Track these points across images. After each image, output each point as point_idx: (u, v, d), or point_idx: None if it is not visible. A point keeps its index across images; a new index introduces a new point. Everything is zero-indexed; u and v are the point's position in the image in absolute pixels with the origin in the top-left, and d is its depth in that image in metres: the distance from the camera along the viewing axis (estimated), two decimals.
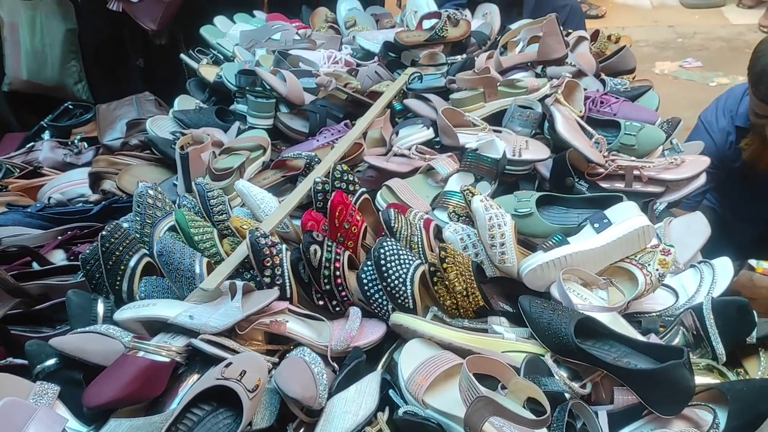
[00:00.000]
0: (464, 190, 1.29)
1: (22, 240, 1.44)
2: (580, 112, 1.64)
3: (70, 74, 2.74)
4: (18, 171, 1.91)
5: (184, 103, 2.00)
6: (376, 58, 2.08)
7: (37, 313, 1.24)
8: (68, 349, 1.04)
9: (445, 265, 1.12)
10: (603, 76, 1.94)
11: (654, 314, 1.18)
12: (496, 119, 1.68)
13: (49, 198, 1.72)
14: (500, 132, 1.61)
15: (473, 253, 1.22)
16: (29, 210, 1.62)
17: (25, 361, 1.07)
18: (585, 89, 1.73)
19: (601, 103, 1.68)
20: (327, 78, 1.82)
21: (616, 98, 1.70)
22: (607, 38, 2.14)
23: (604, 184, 1.45)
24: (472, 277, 1.12)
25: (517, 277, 1.18)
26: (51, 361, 1.05)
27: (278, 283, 1.16)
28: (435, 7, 2.34)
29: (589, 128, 1.55)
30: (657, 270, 1.15)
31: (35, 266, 1.39)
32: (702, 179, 1.47)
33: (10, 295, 1.23)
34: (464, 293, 1.12)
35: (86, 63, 2.78)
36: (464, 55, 2.04)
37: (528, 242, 1.29)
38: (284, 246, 1.19)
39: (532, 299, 1.11)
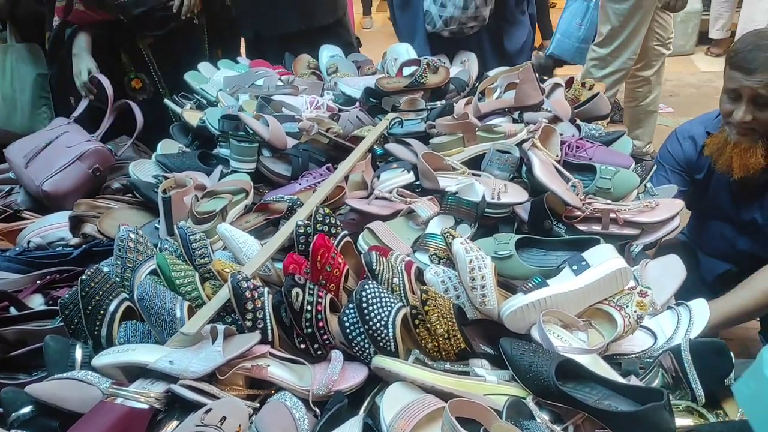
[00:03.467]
0: (445, 233, 1.31)
1: (0, 284, 1.43)
2: (557, 156, 1.68)
3: (40, 120, 2.70)
4: None
5: (167, 147, 2.01)
6: (357, 103, 2.12)
7: (14, 359, 1.22)
8: (44, 396, 1.03)
9: (426, 308, 1.13)
10: (578, 121, 1.99)
11: (633, 356, 1.19)
12: (475, 163, 1.71)
13: (29, 242, 1.70)
14: (479, 176, 1.64)
15: (454, 296, 1.23)
16: (8, 254, 1.61)
17: (0, 409, 1.05)
18: (561, 134, 1.77)
19: (577, 147, 1.72)
20: (309, 123, 1.85)
21: (591, 143, 1.74)
22: (581, 85, 2.21)
23: (581, 227, 1.48)
24: (454, 320, 1.13)
25: (498, 319, 1.19)
26: (26, 409, 1.03)
27: (260, 326, 1.16)
28: (414, 54, 2.40)
29: (565, 172, 1.58)
30: (635, 311, 1.16)
31: (13, 311, 1.37)
32: (676, 222, 1.50)
33: None
34: (446, 336, 1.12)
35: (58, 109, 2.73)
36: (443, 101, 2.08)
37: (508, 284, 1.30)
38: (266, 289, 1.20)
39: (513, 341, 1.12)
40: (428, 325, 1.13)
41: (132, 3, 2.40)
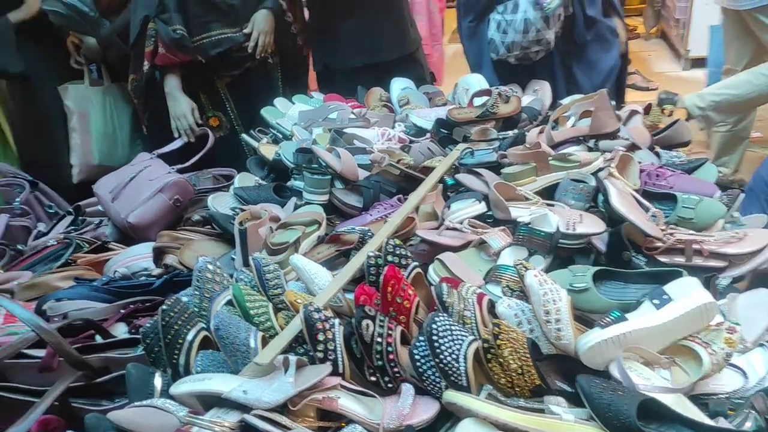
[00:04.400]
0: (518, 265, 1.28)
1: (87, 313, 1.49)
2: (636, 185, 1.63)
3: (136, 153, 2.86)
4: (87, 246, 2.00)
5: (244, 180, 2.08)
6: (428, 134, 2.13)
7: (98, 385, 1.27)
8: (125, 423, 1.06)
9: (499, 342, 1.11)
10: (657, 148, 1.92)
11: (722, 396, 1.12)
12: (548, 193, 1.68)
13: (115, 272, 1.78)
14: (553, 206, 1.60)
15: (528, 330, 1.20)
16: (95, 284, 1.69)
17: None
18: (639, 162, 1.71)
19: (657, 176, 1.66)
20: (381, 154, 1.87)
21: (672, 171, 1.68)
22: (660, 111, 2.14)
23: (663, 259, 1.42)
24: (528, 355, 1.10)
25: (574, 355, 1.15)
26: None
27: (331, 358, 1.16)
28: (486, 84, 2.40)
29: (645, 202, 1.53)
30: (723, 349, 1.10)
31: (98, 339, 1.43)
32: (767, 254, 1.42)
33: (73, 367, 1.27)
34: (519, 371, 1.09)
35: (151, 143, 2.88)
36: (515, 131, 2.06)
37: (585, 318, 1.26)
38: (337, 320, 1.20)
39: (591, 378, 1.07)
40: (501, 359, 1.10)
41: (210, 45, 2.52)
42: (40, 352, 1.33)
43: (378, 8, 2.71)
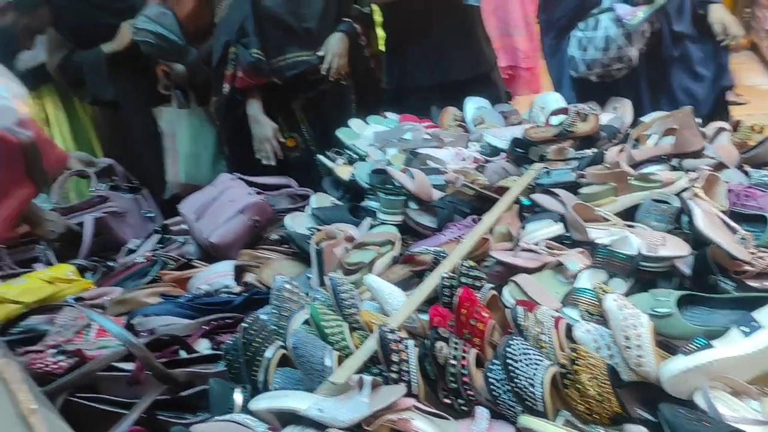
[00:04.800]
0: (597, 288, 1.25)
1: (172, 329, 1.56)
2: (723, 206, 1.56)
3: (219, 172, 2.98)
4: (173, 263, 2.09)
5: (320, 200, 2.13)
6: (503, 154, 2.11)
7: (182, 399, 1.32)
8: None
9: (576, 367, 1.08)
10: (746, 167, 1.84)
11: None
12: (628, 214, 1.64)
13: (198, 288, 1.86)
14: (634, 227, 1.56)
15: (607, 355, 1.16)
16: (180, 300, 1.76)
17: None
18: (727, 182, 1.64)
19: (746, 196, 1.58)
20: (455, 175, 1.88)
21: (763, 191, 1.60)
22: (750, 128, 2.04)
23: (752, 283, 1.34)
24: (607, 381, 1.07)
25: (656, 383, 1.10)
26: None
27: (405, 379, 1.16)
28: (564, 103, 2.36)
29: (732, 223, 1.46)
30: None
31: (183, 354, 1.49)
32: None
33: (159, 381, 1.33)
34: (598, 398, 1.06)
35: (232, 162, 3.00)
36: (594, 150, 2.02)
37: (667, 344, 1.21)
38: (411, 341, 1.21)
39: (675, 408, 1.03)
40: (579, 385, 1.07)
41: (286, 67, 2.60)
42: (129, 365, 1.40)
43: (450, 28, 2.72)
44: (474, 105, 2.56)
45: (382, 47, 2.93)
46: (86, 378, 1.33)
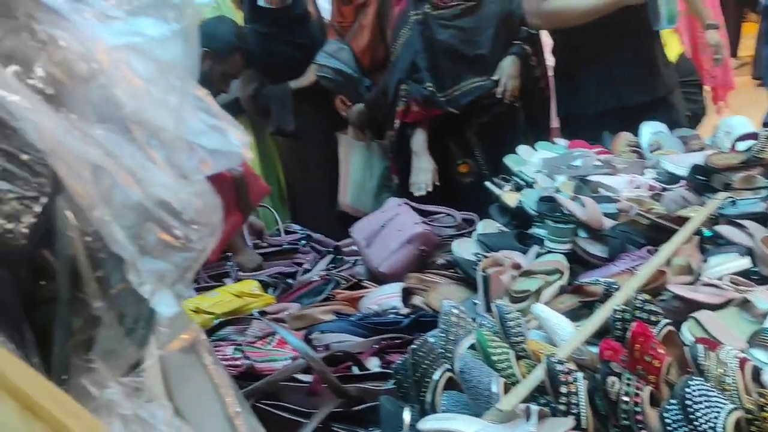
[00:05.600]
0: None
1: (346, 346, 1.66)
2: None
3: (382, 203, 3.10)
4: (345, 282, 2.21)
5: (486, 226, 2.14)
6: (682, 182, 2.00)
7: (355, 413, 1.40)
8: None
9: (765, 414, 1.00)
10: None
11: None
12: None
13: (368, 308, 1.95)
14: None
15: None
16: (352, 318, 1.86)
17: None
18: None
19: None
20: (628, 203, 1.81)
21: None
22: None
23: None
24: None
25: None
26: None
27: (573, 411, 1.15)
28: (751, 128, 2.19)
29: None
30: None
31: (355, 370, 1.58)
32: None
33: (334, 394, 1.42)
34: None
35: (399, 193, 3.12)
36: None
37: None
38: (581, 374, 1.19)
39: None
40: None
41: (461, 95, 2.67)
42: (307, 377, 1.51)
43: (627, 50, 2.63)
44: (650, 130, 2.44)
45: None
46: (272, 386, 1.46)
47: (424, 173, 2.75)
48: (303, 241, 2.72)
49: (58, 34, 0.56)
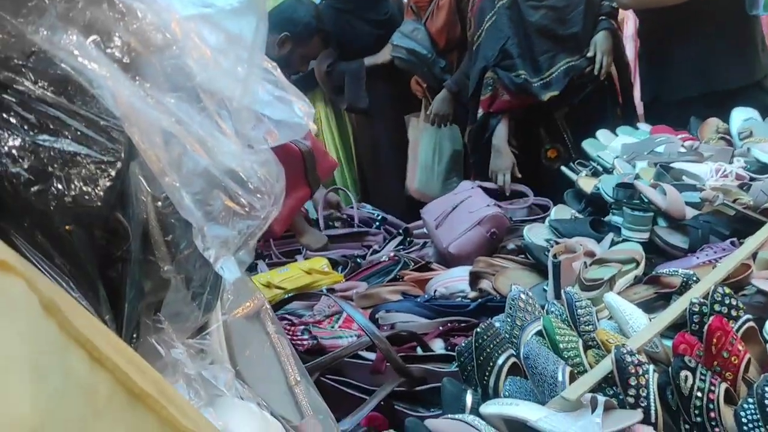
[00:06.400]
0: None
1: (411, 326, 1.66)
2: None
3: (450, 187, 3.07)
4: (413, 264, 2.22)
5: (560, 212, 2.10)
6: None
7: (417, 393, 1.41)
8: None
9: None
10: None
11: None
12: None
13: (435, 290, 1.95)
14: None
15: None
16: (419, 300, 1.87)
17: None
18: None
19: None
20: (713, 192, 1.72)
21: None
22: None
23: None
24: None
25: None
26: None
27: (642, 405, 1.11)
28: None
29: None
30: None
31: (419, 351, 1.58)
32: None
33: (397, 373, 1.43)
34: None
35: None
36: None
37: None
38: (652, 367, 1.15)
39: None
40: None
41: (556, 78, 2.60)
42: (371, 355, 1.53)
43: (720, 31, 2.48)
44: (742, 116, 2.30)
45: None
46: (336, 361, 1.48)
47: (502, 173, 2.69)
48: (377, 223, 2.74)
49: (136, 5, 0.57)
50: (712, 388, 1.07)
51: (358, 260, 2.41)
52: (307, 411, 0.78)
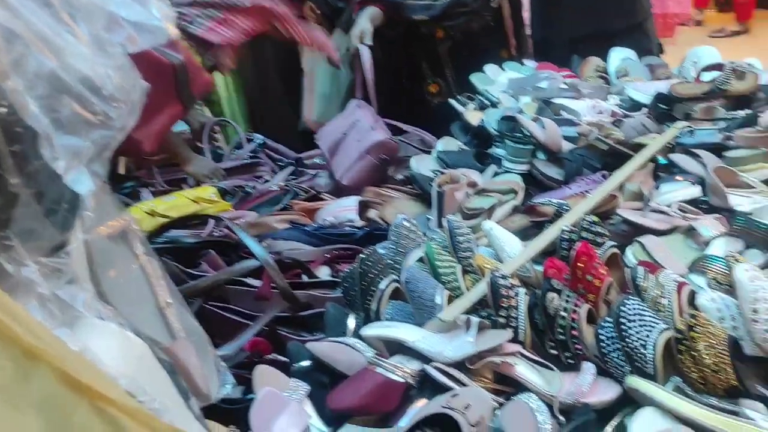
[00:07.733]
0: (729, 257, 1.18)
1: (297, 254, 1.66)
2: None
3: None
4: (303, 194, 2.19)
5: (447, 144, 2.13)
6: (645, 109, 2.00)
7: (301, 318, 1.42)
8: (321, 354, 1.18)
9: (693, 334, 1.04)
10: None
11: None
12: None
13: (324, 220, 1.95)
14: None
15: (731, 327, 1.10)
16: (307, 228, 1.85)
17: (287, 359, 1.24)
18: None
19: None
20: (588, 127, 1.81)
21: None
22: None
23: None
24: (726, 352, 1.02)
25: None
26: (306, 363, 1.19)
27: (512, 324, 1.17)
28: (719, 58, 2.17)
29: None
30: None
31: (304, 278, 1.58)
32: None
33: (284, 299, 1.43)
34: (714, 368, 1.02)
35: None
36: (747, 111, 1.85)
37: None
38: (523, 290, 1.21)
39: None
40: (694, 353, 1.04)
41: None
42: (256, 282, 1.51)
43: None
44: (619, 56, 2.41)
45: None
46: (217, 287, 1.46)
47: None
48: (258, 148, 2.65)
49: None
50: (576, 308, 1.15)
51: (249, 190, 2.35)
52: (179, 333, 0.76)
